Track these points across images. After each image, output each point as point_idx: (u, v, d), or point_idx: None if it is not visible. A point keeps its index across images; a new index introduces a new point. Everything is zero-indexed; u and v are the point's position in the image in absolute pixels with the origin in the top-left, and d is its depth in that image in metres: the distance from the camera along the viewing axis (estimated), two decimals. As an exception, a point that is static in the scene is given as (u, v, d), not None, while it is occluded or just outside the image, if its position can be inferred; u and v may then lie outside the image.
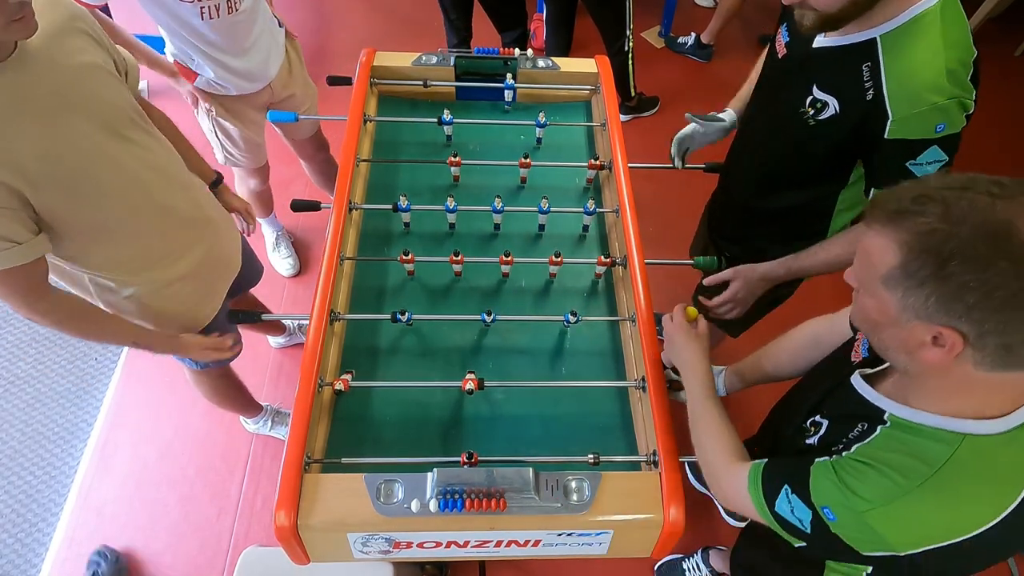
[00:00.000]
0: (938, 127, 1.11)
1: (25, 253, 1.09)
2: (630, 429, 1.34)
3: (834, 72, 1.19)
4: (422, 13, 3.61)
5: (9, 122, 1.02)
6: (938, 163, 1.16)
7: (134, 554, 2.04)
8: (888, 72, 1.12)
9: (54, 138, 1.09)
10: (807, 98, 1.24)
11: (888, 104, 1.12)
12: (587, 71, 1.88)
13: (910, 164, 1.16)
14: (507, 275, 1.51)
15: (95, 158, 1.15)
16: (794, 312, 1.89)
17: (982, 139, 3.27)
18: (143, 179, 1.26)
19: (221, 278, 1.58)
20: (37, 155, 1.06)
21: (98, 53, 1.17)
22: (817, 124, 1.24)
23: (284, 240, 2.65)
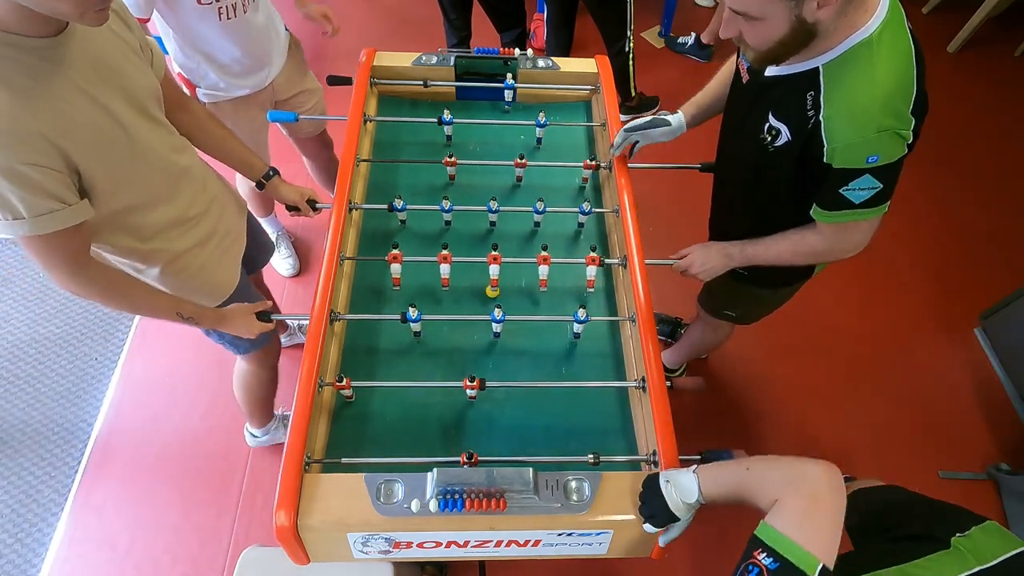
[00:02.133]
0: (869, 159, 1.13)
1: (75, 214, 1.11)
2: (630, 429, 1.34)
3: (785, 101, 1.22)
4: (422, 13, 3.61)
5: (59, 90, 1.05)
6: (872, 190, 1.18)
7: (134, 554, 2.04)
8: (827, 101, 1.14)
9: (95, 108, 1.12)
10: (764, 125, 1.27)
11: (824, 132, 1.15)
12: (587, 71, 1.88)
13: (843, 190, 1.19)
14: (496, 283, 1.50)
15: (127, 131, 1.18)
16: (797, 309, 1.90)
17: (982, 139, 3.28)
18: (163, 157, 1.29)
19: (234, 244, 1.58)
20: (83, 123, 1.09)
21: (127, 34, 1.21)
22: (775, 151, 1.27)
23: (284, 240, 2.65)
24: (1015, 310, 2.40)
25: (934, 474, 2.25)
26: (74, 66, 1.08)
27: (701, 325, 2.11)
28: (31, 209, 1.06)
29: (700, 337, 2.16)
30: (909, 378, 2.48)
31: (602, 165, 1.70)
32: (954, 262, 2.81)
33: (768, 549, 0.89)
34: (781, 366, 2.48)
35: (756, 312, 1.87)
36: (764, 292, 1.70)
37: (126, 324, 2.52)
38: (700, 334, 2.14)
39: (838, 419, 2.37)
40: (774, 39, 1.10)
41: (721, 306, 1.88)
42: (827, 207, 1.24)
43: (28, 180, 1.04)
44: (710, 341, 2.16)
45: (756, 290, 1.68)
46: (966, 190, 3.06)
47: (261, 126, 2.07)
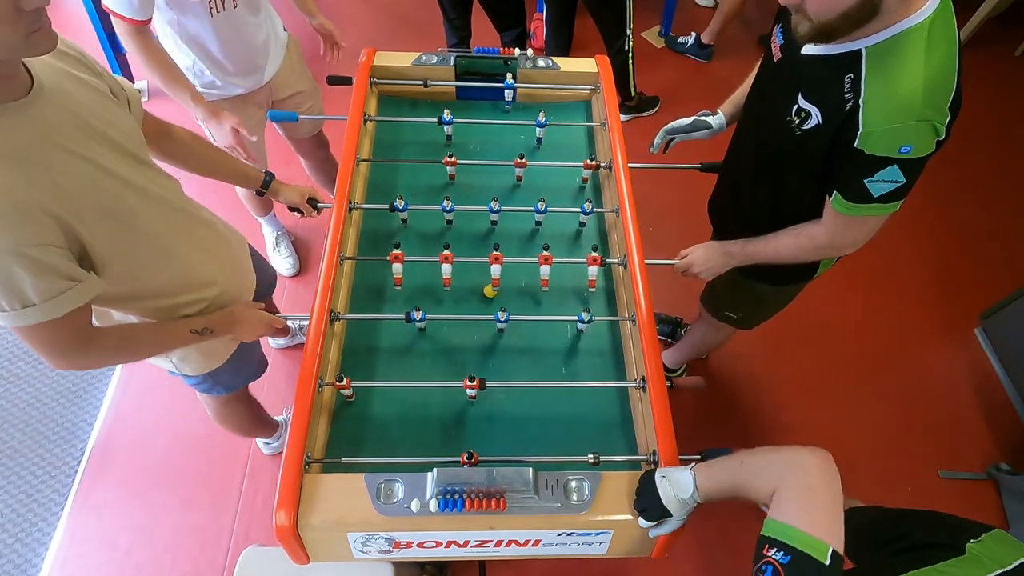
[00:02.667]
0: (902, 148, 1.11)
1: (87, 290, 1.04)
2: (630, 429, 1.34)
3: (819, 82, 1.19)
4: (422, 13, 3.61)
5: (46, 157, 0.98)
6: (895, 184, 1.15)
7: (134, 554, 2.04)
8: (867, 84, 1.11)
9: (89, 167, 1.05)
10: (793, 107, 1.24)
11: (861, 116, 1.12)
12: (587, 71, 1.88)
13: (867, 181, 1.16)
14: (497, 283, 1.50)
15: (126, 184, 1.12)
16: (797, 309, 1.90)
17: (982, 139, 3.28)
18: (166, 202, 1.24)
19: (247, 290, 1.53)
20: (80, 187, 1.02)
21: (97, 81, 1.14)
22: (802, 134, 1.24)
23: (284, 240, 2.65)
24: (1015, 310, 2.40)
25: (934, 474, 2.25)
26: (54, 127, 0.99)
27: (703, 325, 2.11)
28: (42, 293, 0.98)
29: (702, 337, 2.16)
30: (909, 378, 2.48)
31: (602, 165, 1.70)
32: (954, 262, 2.81)
33: (777, 543, 0.89)
34: (781, 366, 2.48)
35: (758, 314, 1.87)
36: (767, 290, 1.69)
37: (126, 324, 2.52)
38: (702, 334, 2.14)
39: (838, 419, 2.37)
40: (839, 9, 1.05)
41: (723, 306, 1.88)
42: (849, 197, 1.21)
43: (36, 262, 0.96)
44: (712, 341, 2.16)
45: (759, 287, 1.67)
46: (966, 190, 3.06)
47: (259, 125, 2.07)
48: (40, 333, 1.03)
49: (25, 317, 0.99)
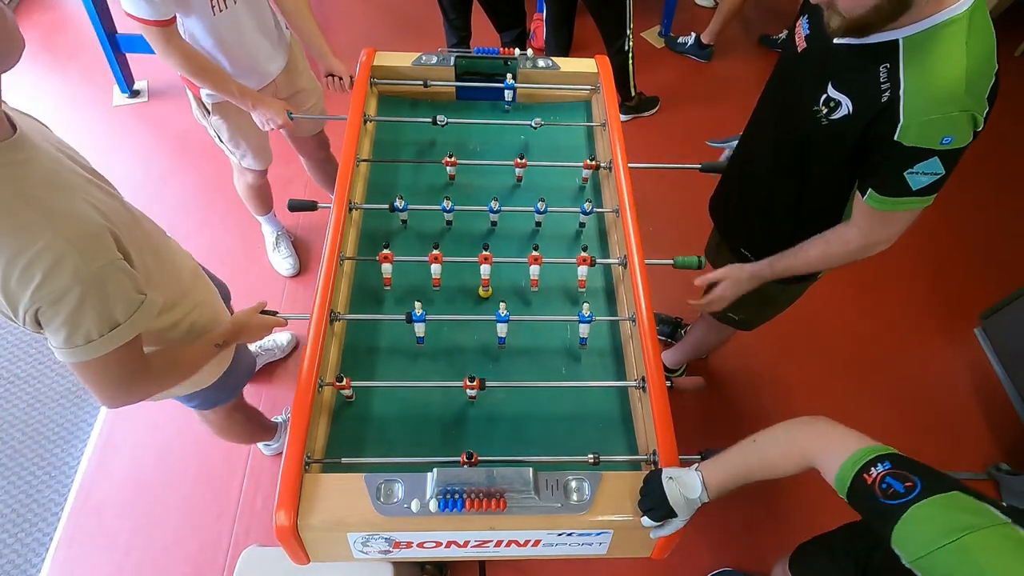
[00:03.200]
0: (944, 139, 1.09)
1: (153, 302, 1.03)
2: (630, 429, 1.34)
3: (852, 72, 1.17)
4: (422, 13, 3.61)
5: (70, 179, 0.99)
6: (934, 176, 1.14)
7: (134, 554, 2.04)
8: (907, 76, 1.10)
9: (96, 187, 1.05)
10: (821, 96, 1.22)
11: (901, 108, 1.10)
12: (587, 71, 1.88)
13: (907, 173, 1.14)
14: (487, 283, 1.50)
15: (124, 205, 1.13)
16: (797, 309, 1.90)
17: (982, 138, 3.26)
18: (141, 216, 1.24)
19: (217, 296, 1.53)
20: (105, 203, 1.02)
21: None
22: (829, 124, 1.22)
23: (284, 240, 2.65)
24: (1015, 310, 2.40)
25: (934, 474, 2.25)
26: (53, 156, 0.99)
27: (703, 326, 2.11)
28: (127, 308, 0.97)
29: (702, 337, 2.16)
30: (909, 378, 2.48)
31: (602, 165, 1.71)
32: (954, 262, 2.81)
33: (866, 466, 0.89)
34: (781, 366, 2.48)
35: (761, 315, 1.86)
36: (772, 289, 1.66)
37: (126, 324, 2.52)
38: (703, 334, 2.14)
39: (838, 419, 2.36)
40: (869, 4, 1.04)
41: (727, 308, 1.88)
42: (886, 191, 1.17)
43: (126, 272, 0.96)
44: (712, 341, 2.15)
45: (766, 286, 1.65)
46: (966, 190, 3.06)
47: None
48: (115, 360, 1.01)
49: (113, 340, 0.98)
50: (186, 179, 2.95)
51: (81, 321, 0.95)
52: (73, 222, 0.92)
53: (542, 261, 1.47)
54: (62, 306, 0.92)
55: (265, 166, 2.21)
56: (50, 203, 0.92)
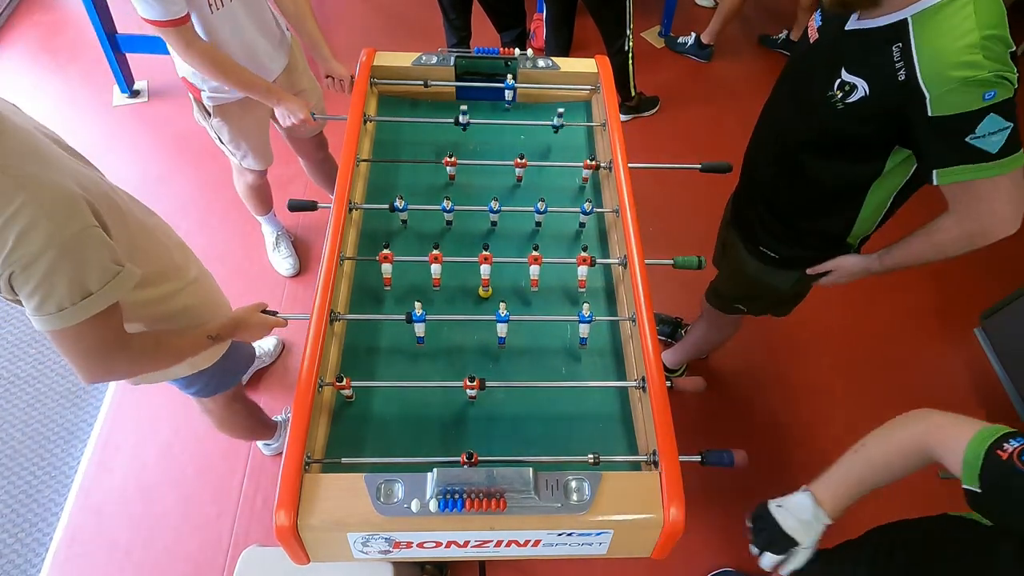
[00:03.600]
0: (986, 95, 1.07)
1: (131, 273, 1.03)
2: (630, 429, 1.34)
3: (864, 54, 1.18)
4: (422, 13, 3.61)
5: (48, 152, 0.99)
6: (1004, 131, 1.09)
7: (134, 554, 2.04)
8: (919, 52, 1.10)
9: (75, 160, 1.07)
10: (836, 81, 1.22)
11: (922, 84, 1.10)
12: (587, 71, 1.88)
13: (971, 139, 1.10)
14: (487, 283, 1.50)
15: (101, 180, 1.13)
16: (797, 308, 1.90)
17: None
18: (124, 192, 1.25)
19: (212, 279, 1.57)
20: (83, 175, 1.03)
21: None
22: (846, 107, 1.22)
23: (284, 240, 2.65)
24: (1015, 310, 2.40)
25: (934, 474, 2.24)
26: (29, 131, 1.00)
27: (705, 323, 2.11)
28: (101, 277, 0.98)
29: (704, 335, 2.15)
30: (909, 378, 2.48)
31: (602, 165, 1.71)
32: (954, 262, 2.80)
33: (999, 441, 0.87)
34: (781, 366, 2.48)
35: (770, 307, 1.86)
36: (784, 280, 1.68)
37: (126, 324, 2.53)
38: (704, 332, 2.14)
39: (838, 419, 2.37)
40: None
41: (733, 300, 1.88)
42: (955, 162, 1.14)
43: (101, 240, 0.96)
44: (714, 340, 2.15)
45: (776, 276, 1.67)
46: (966, 190, 3.07)
47: (265, 126, 2.08)
48: (89, 330, 1.02)
49: (85, 309, 0.98)
50: (186, 179, 2.95)
51: (54, 287, 0.95)
52: (47, 188, 0.93)
53: (542, 261, 1.47)
54: (34, 271, 0.93)
55: (266, 166, 2.21)
56: (23, 171, 0.92)
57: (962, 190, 1.20)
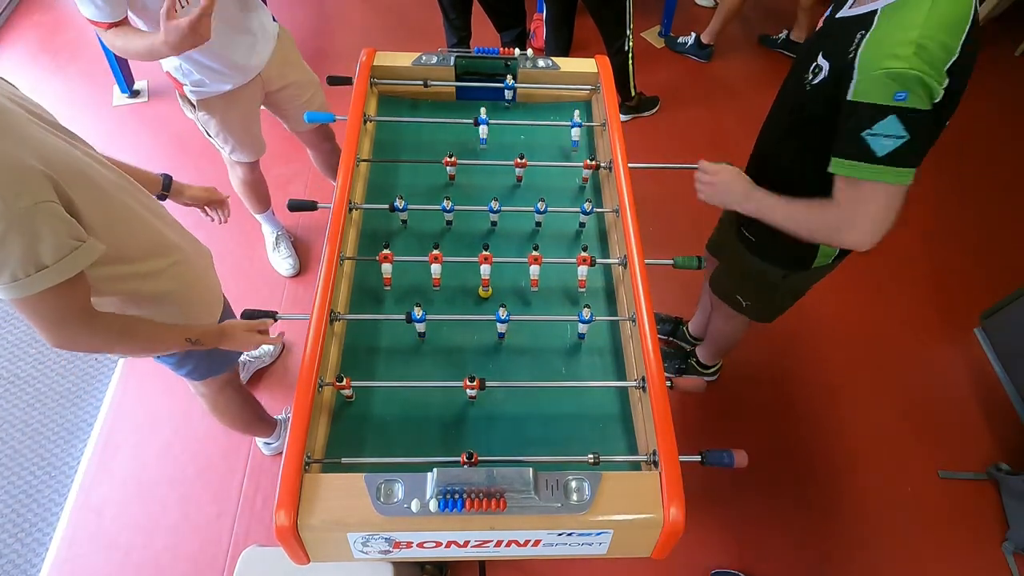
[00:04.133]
0: (897, 95, 1.09)
1: (92, 249, 1.05)
2: (630, 429, 1.34)
3: (837, 39, 1.22)
4: (422, 13, 3.61)
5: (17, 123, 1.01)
6: (898, 139, 1.11)
7: (134, 554, 2.04)
8: (870, 38, 1.13)
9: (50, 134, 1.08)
10: (812, 64, 1.28)
11: (856, 67, 1.13)
12: (587, 71, 1.88)
13: (866, 134, 1.13)
14: (487, 283, 1.50)
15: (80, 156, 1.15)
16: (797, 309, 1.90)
17: (982, 138, 3.28)
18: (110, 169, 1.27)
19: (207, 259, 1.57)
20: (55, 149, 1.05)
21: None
22: (812, 88, 1.27)
23: (284, 240, 2.65)
24: (1015, 310, 2.40)
25: (934, 474, 2.25)
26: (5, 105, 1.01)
27: (717, 315, 2.12)
28: (56, 251, 0.99)
29: (721, 328, 2.16)
30: (909, 378, 2.48)
31: (602, 165, 1.71)
32: (954, 262, 2.81)
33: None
34: (781, 366, 2.48)
35: (766, 302, 1.86)
36: (773, 273, 1.69)
37: (126, 324, 2.53)
38: (720, 324, 2.15)
39: (838, 418, 2.37)
40: None
41: (732, 290, 1.88)
42: (846, 154, 1.18)
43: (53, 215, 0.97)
44: (730, 332, 2.15)
45: (763, 267, 1.68)
46: (966, 190, 3.07)
47: (253, 119, 2.08)
48: (47, 301, 1.03)
49: (39, 282, 0.99)
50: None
51: (6, 259, 0.97)
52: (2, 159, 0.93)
53: (542, 261, 1.47)
54: None
55: (254, 158, 2.21)
56: None
57: (847, 184, 1.22)
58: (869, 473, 2.24)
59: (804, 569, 2.07)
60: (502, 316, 1.37)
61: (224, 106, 1.93)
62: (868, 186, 1.19)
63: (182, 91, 1.88)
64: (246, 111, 2.02)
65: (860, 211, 1.23)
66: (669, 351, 2.41)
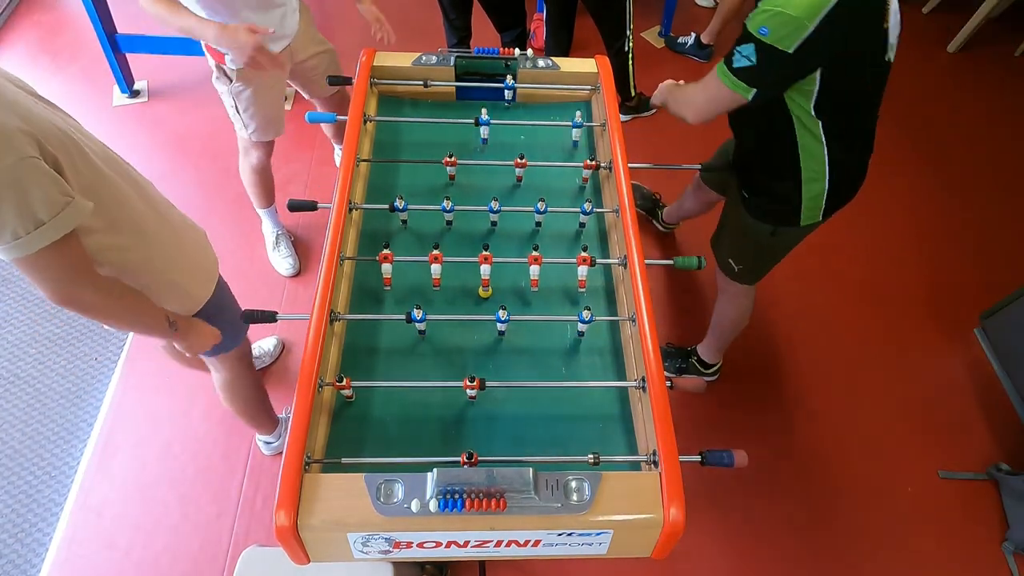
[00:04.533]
0: (761, 29, 1.35)
1: (82, 205, 1.07)
2: (630, 429, 1.34)
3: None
4: (422, 13, 3.61)
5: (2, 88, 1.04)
6: (747, 61, 1.39)
7: (134, 554, 2.04)
8: None
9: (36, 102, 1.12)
10: None
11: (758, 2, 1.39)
12: (587, 71, 1.88)
13: (736, 47, 1.41)
14: (487, 283, 1.50)
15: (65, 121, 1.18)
16: (797, 309, 1.90)
17: (982, 139, 3.28)
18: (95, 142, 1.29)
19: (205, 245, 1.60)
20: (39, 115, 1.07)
21: None
22: None
23: (284, 239, 2.65)
24: (1015, 310, 2.40)
25: (934, 474, 2.25)
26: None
27: (722, 299, 2.14)
28: (50, 207, 1.01)
29: (724, 311, 2.18)
30: (909, 378, 2.48)
31: (602, 165, 1.71)
32: (954, 262, 2.81)
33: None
34: (781, 366, 2.48)
35: (759, 260, 1.92)
36: (761, 229, 1.78)
37: (126, 324, 2.53)
38: (724, 307, 2.17)
39: (838, 419, 2.37)
40: None
41: (728, 252, 1.94)
42: (724, 60, 1.46)
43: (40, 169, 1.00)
44: (734, 315, 2.16)
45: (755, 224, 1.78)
46: (966, 189, 3.07)
47: (280, 92, 2.16)
48: (49, 258, 1.06)
49: (39, 239, 1.02)
50: (186, 179, 2.95)
51: (3, 219, 0.99)
52: None
53: (542, 261, 1.47)
54: None
55: (275, 136, 2.25)
56: None
57: (709, 75, 1.54)
58: (869, 473, 2.24)
59: (804, 569, 2.07)
60: (502, 317, 1.37)
61: (258, 77, 1.99)
62: (714, 80, 1.50)
63: (222, 61, 1.93)
64: (276, 83, 2.09)
65: (701, 94, 1.58)
66: (670, 350, 2.41)
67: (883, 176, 3.06)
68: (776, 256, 1.90)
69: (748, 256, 1.91)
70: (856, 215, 2.89)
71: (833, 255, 2.74)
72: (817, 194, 1.64)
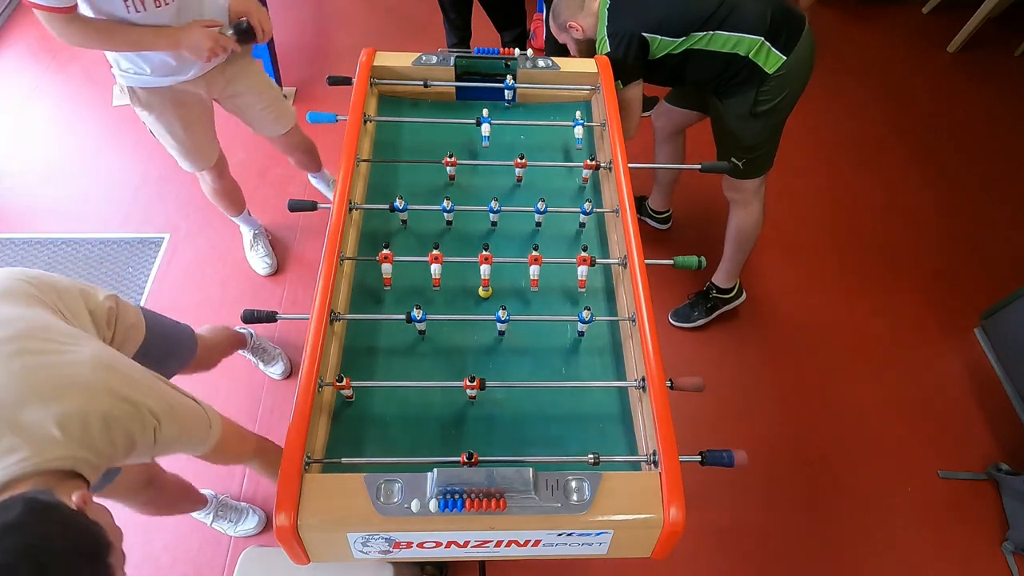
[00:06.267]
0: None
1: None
2: (630, 429, 1.34)
3: None
4: (422, 13, 3.61)
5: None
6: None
7: (134, 554, 2.04)
8: None
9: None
10: None
11: None
12: (587, 71, 1.88)
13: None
14: (487, 283, 1.50)
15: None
16: (797, 309, 1.90)
17: (982, 139, 3.28)
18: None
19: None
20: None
21: None
22: None
23: (261, 239, 2.62)
24: (1015, 310, 2.40)
25: (934, 474, 2.25)
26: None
27: (733, 212, 2.21)
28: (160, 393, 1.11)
29: (739, 222, 2.24)
30: (909, 378, 2.48)
31: (602, 165, 1.71)
32: (954, 262, 2.81)
33: None
34: (780, 367, 2.48)
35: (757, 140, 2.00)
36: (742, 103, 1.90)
37: (126, 324, 2.52)
38: (738, 218, 2.23)
39: (838, 419, 2.37)
40: None
41: (727, 151, 2.03)
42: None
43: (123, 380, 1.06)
44: (748, 222, 2.23)
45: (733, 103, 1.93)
46: (966, 190, 3.06)
47: (198, 124, 2.01)
48: None
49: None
50: (186, 179, 2.93)
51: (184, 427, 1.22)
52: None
53: (542, 261, 1.47)
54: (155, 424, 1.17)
55: (199, 169, 2.13)
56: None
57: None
58: (869, 473, 2.24)
59: (804, 569, 2.07)
60: (502, 317, 1.37)
61: (161, 103, 1.85)
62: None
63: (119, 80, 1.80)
64: (189, 114, 1.94)
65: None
66: (693, 299, 2.43)
67: (883, 176, 3.06)
68: (769, 125, 1.97)
69: (746, 140, 1.98)
70: (856, 215, 2.90)
71: (833, 255, 2.74)
72: (764, 48, 1.79)
